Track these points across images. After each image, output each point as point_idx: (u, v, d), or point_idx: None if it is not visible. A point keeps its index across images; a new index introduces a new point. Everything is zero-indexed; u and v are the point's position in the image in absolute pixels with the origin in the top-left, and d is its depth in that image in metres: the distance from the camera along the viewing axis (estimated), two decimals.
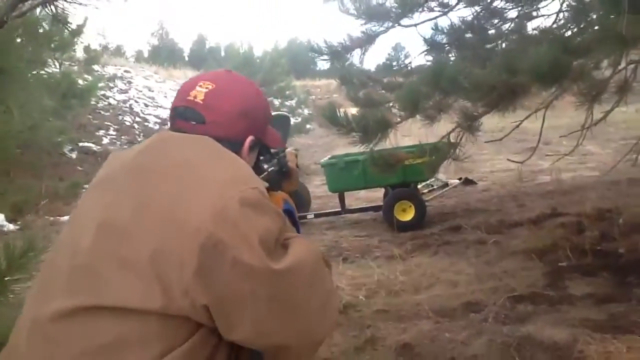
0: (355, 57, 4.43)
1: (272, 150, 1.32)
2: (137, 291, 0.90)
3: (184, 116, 1.13)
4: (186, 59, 38.64)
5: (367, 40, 4.02)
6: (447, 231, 5.35)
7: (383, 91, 4.49)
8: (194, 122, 1.12)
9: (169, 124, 1.20)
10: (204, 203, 0.95)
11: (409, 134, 5.55)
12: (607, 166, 7.98)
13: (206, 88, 1.15)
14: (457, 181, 7.42)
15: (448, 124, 4.27)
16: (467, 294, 3.62)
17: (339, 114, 3.26)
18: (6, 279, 1.64)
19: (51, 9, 1.44)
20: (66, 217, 8.38)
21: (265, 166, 1.32)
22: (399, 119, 3.42)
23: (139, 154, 1.08)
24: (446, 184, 7.19)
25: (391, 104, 3.98)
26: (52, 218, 8.27)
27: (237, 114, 1.16)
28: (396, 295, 3.79)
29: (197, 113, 1.12)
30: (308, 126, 11.14)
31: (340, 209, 6.17)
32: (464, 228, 5.34)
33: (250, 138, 1.19)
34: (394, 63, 5.33)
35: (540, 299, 3.33)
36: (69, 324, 0.92)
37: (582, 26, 2.92)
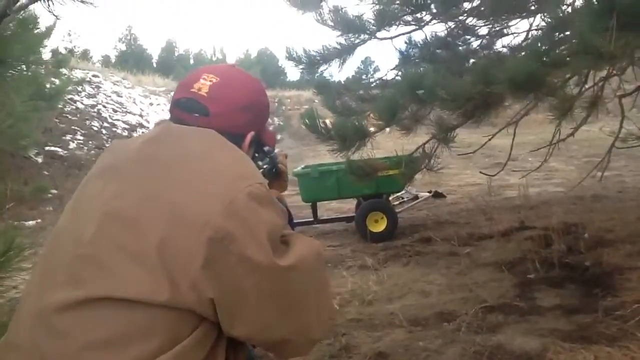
0: (332, 67, 4.50)
1: (266, 149, 1.34)
2: (144, 283, 0.90)
3: (187, 108, 1.13)
4: (154, 65, 38.26)
5: (345, 51, 4.08)
6: (418, 242, 5.42)
7: (359, 102, 4.54)
8: (197, 115, 1.12)
9: (169, 115, 1.20)
10: (212, 195, 0.96)
11: (378, 147, 5.64)
12: (571, 182, 8.21)
13: (210, 81, 1.15)
14: (427, 194, 7.50)
15: (420, 137, 4.36)
16: (439, 304, 3.67)
17: (318, 122, 3.29)
18: None
19: (47, 4, 1.43)
20: (31, 222, 8.20)
21: (260, 163, 1.33)
22: (376, 129, 3.47)
23: (145, 144, 1.08)
24: (416, 197, 7.27)
25: (368, 114, 4.03)
26: (17, 222, 8.06)
27: (241, 108, 1.17)
28: (369, 305, 3.82)
29: (201, 105, 1.13)
30: (279, 136, 11.11)
31: (312, 219, 6.18)
32: (434, 240, 5.42)
33: (251, 133, 1.20)
34: (364, 76, 5.41)
35: (511, 310, 3.39)
36: (73, 316, 0.91)
37: (553, 43, 3.02)
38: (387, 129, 3.71)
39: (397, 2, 3.89)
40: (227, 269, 0.93)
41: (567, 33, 2.76)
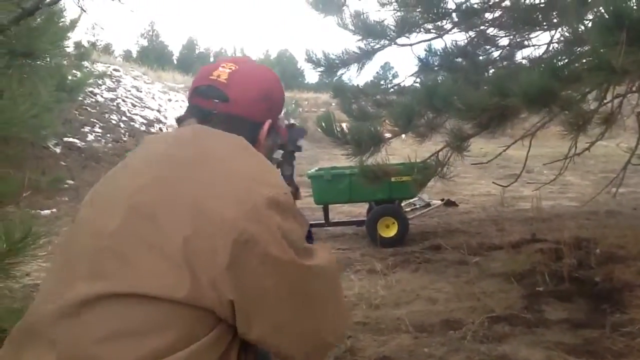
0: (351, 71, 4.54)
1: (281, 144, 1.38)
2: (166, 278, 0.92)
3: (206, 95, 1.15)
4: (175, 62, 38.54)
5: (365, 55, 4.11)
6: (428, 250, 5.43)
7: (375, 107, 4.57)
8: (216, 100, 1.14)
9: (187, 103, 1.22)
10: (237, 198, 0.98)
11: (394, 153, 5.66)
12: (585, 197, 8.15)
13: (230, 69, 1.18)
14: (439, 202, 7.49)
15: (436, 144, 4.37)
16: (446, 311, 3.68)
17: (335, 126, 3.33)
18: (6, 262, 1.65)
19: None
20: (46, 211, 8.32)
21: (275, 156, 1.36)
22: (391, 135, 3.49)
23: (173, 144, 1.10)
24: (428, 204, 7.27)
25: (384, 119, 4.05)
26: (32, 211, 8.18)
27: (259, 95, 1.19)
28: (376, 309, 3.83)
29: (220, 91, 1.14)
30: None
31: (324, 221, 6.21)
32: (444, 248, 5.42)
33: (268, 121, 1.22)
34: (382, 81, 5.44)
35: (517, 321, 3.39)
36: (95, 309, 0.92)
37: (572, 57, 3.02)
38: (403, 136, 3.73)
39: (419, 9, 3.91)
40: (250, 271, 0.95)
41: (586, 48, 2.77)
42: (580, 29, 2.67)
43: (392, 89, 5.28)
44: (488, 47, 5.23)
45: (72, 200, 9.23)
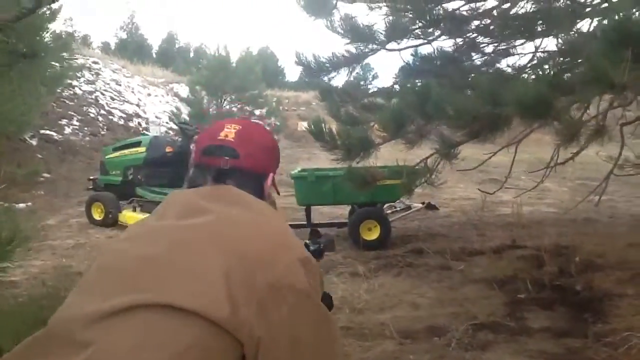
0: (341, 75, 4.53)
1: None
2: (206, 299, 0.97)
3: (217, 153, 1.27)
4: (154, 55, 38.09)
5: (354, 59, 4.10)
6: (410, 253, 5.44)
7: (362, 111, 4.57)
8: (227, 157, 1.26)
9: (194, 164, 1.32)
10: (275, 252, 1.08)
11: (379, 157, 5.68)
12: (564, 204, 8.27)
13: (235, 129, 1.31)
14: (420, 205, 7.52)
15: (423, 149, 4.39)
16: (429, 317, 3.70)
17: (324, 130, 3.31)
18: None
19: None
20: (22, 205, 8.15)
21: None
22: (381, 140, 3.49)
23: (206, 199, 1.18)
24: (409, 207, 7.29)
25: (373, 124, 4.05)
26: (6, 204, 7.99)
27: (264, 149, 1.33)
28: (360, 313, 3.83)
29: (231, 149, 1.26)
30: (276, 137, 11.11)
31: (305, 222, 6.19)
32: (426, 252, 5.44)
33: (271, 174, 1.35)
34: (362, 82, 5.43)
35: (500, 329, 3.42)
36: (130, 317, 0.96)
37: (563, 67, 3.04)
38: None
39: (410, 15, 3.91)
40: (281, 313, 1.02)
41: (577, 60, 2.79)
42: (572, 39, 2.70)
43: (372, 91, 5.28)
44: (474, 54, 5.27)
45: (48, 193, 9.07)
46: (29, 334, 1.02)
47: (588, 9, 3.44)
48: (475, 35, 4.99)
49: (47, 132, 11.60)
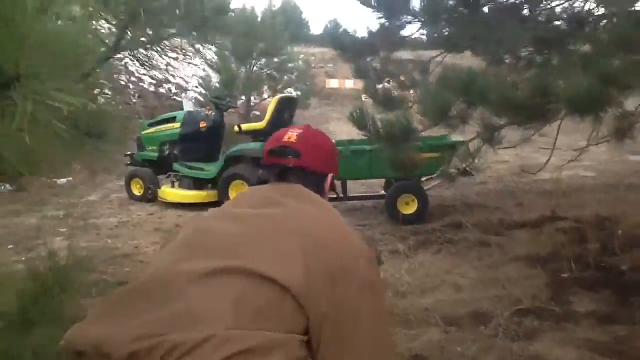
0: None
1: None
2: (287, 272, 1.12)
3: (282, 154, 1.44)
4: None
5: (390, 34, 4.00)
6: (449, 228, 5.43)
7: (399, 89, 4.49)
8: (291, 157, 1.42)
9: (263, 164, 1.51)
10: (343, 244, 1.23)
11: None
12: (602, 165, 8.12)
13: (297, 132, 1.48)
14: (455, 171, 7.45)
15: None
16: (473, 301, 3.71)
17: (367, 120, 3.28)
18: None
19: None
20: (63, 180, 8.32)
21: None
22: (422, 127, 3.45)
23: (281, 194, 1.34)
24: None
25: (411, 105, 3.99)
26: (49, 180, 8.19)
27: (323, 150, 1.50)
28: (403, 297, 3.87)
29: (294, 150, 1.43)
30: (308, 101, 11.05)
31: (342, 195, 6.20)
32: (465, 226, 5.42)
33: (330, 174, 1.52)
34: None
35: (546, 315, 3.42)
36: (222, 277, 1.13)
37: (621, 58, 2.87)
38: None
39: None
40: (349, 293, 1.16)
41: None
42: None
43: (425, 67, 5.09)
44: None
45: (88, 167, 9.22)
46: None
47: None
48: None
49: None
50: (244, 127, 6.50)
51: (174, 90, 15.12)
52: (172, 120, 7.08)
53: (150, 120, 7.55)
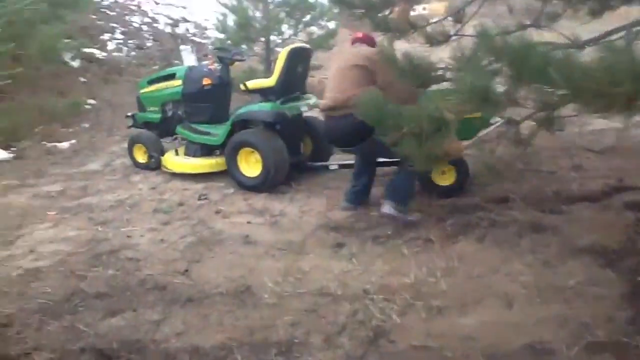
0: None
1: None
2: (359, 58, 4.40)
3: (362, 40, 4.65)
4: None
5: None
6: (493, 204, 4.55)
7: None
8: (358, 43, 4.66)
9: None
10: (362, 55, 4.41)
11: None
12: None
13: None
14: (499, 119, 6.49)
15: None
16: (528, 325, 2.92)
17: (384, 110, 2.43)
18: None
19: None
20: (65, 144, 7.67)
21: None
22: (455, 116, 2.58)
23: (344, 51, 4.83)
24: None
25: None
26: (49, 145, 7.56)
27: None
28: (438, 315, 3.11)
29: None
30: (331, 41, 10.01)
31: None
32: (512, 200, 4.56)
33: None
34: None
35: (626, 355, 2.62)
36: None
37: None
38: None
39: None
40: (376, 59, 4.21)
41: None
42: None
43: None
44: None
45: (93, 127, 8.53)
46: None
47: None
48: None
49: (88, 50, 10.88)
50: (250, 84, 5.58)
51: (191, 30, 14.14)
52: (172, 77, 6.22)
53: (149, 77, 6.71)
